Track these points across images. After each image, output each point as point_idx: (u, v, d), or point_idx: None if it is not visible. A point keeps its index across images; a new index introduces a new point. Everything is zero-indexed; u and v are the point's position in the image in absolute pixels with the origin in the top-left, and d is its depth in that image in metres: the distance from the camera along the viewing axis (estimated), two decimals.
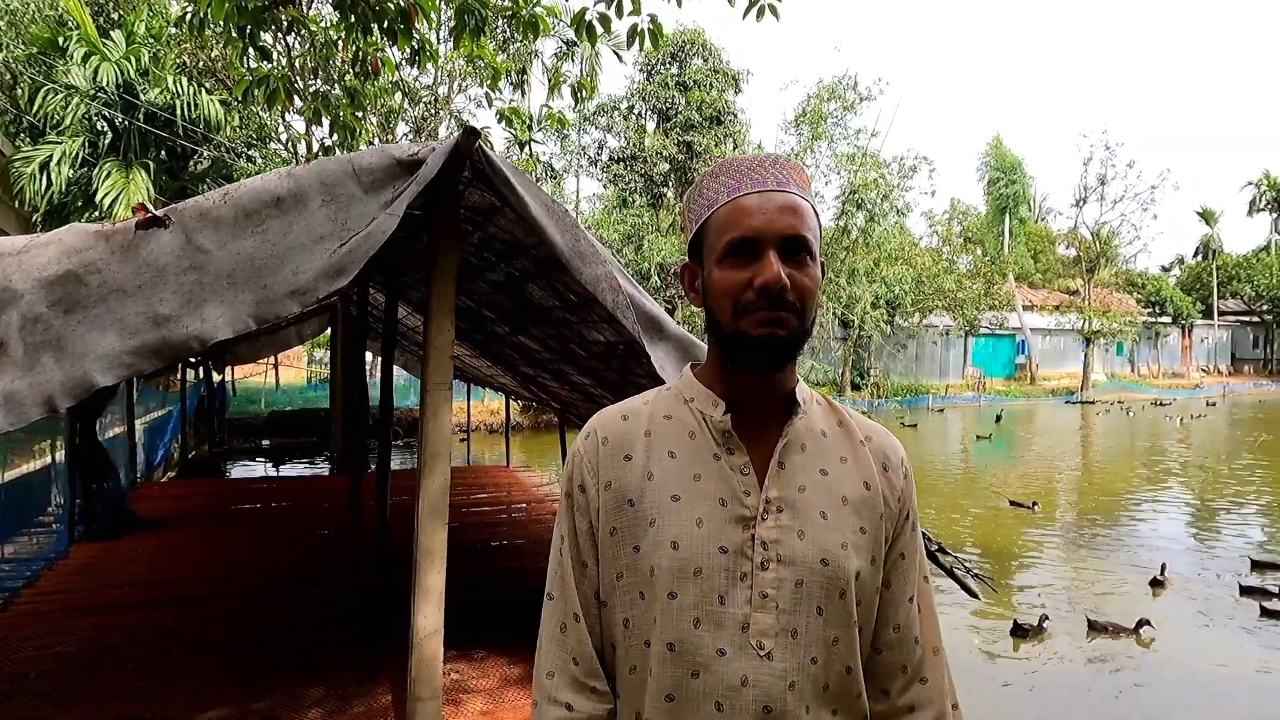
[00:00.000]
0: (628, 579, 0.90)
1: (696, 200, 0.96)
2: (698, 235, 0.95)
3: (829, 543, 0.89)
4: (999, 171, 38.16)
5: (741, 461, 0.91)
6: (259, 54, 5.07)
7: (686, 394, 0.97)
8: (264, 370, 21.60)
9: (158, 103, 12.46)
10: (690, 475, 0.91)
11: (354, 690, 3.19)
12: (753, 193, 0.90)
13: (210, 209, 1.93)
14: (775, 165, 0.92)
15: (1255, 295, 39.72)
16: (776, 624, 0.86)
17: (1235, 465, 14.75)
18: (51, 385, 1.53)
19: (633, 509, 0.91)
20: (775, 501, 0.89)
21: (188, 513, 6.63)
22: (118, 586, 4.52)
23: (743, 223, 0.88)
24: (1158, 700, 5.08)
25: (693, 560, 0.87)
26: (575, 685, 0.92)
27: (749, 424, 0.93)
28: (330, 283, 1.98)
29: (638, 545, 0.90)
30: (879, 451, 0.98)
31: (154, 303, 1.74)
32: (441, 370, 2.42)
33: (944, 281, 25.53)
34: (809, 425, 0.95)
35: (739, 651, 0.86)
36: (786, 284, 0.86)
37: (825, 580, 0.88)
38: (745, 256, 0.88)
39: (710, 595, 0.86)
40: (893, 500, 0.96)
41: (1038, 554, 8.52)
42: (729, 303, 0.88)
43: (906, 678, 0.95)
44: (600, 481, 0.93)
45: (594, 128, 24.47)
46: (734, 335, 0.89)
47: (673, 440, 0.93)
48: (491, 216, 2.88)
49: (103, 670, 3.36)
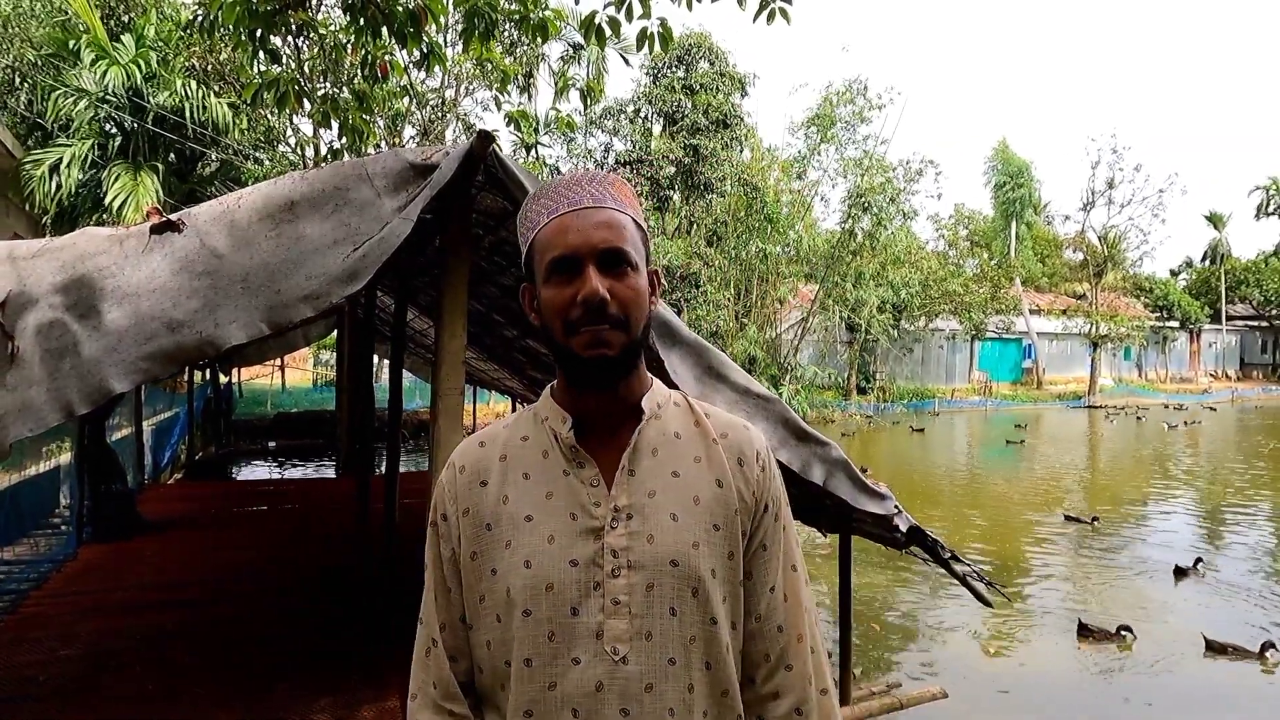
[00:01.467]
0: (488, 601, 0.93)
1: (522, 223, 0.98)
2: (527, 258, 0.97)
3: (679, 543, 0.91)
4: (1006, 175, 38.08)
5: (591, 474, 0.94)
6: (269, 57, 5.08)
7: (542, 414, 0.99)
8: (270, 372, 21.65)
9: (166, 105, 12.53)
10: (543, 494, 0.93)
11: (363, 695, 3.18)
12: (569, 211, 0.92)
13: (224, 213, 1.93)
14: (592, 182, 0.95)
15: (1264, 300, 39.48)
16: (630, 628, 0.88)
17: (1251, 471, 14.64)
18: (69, 392, 1.53)
19: (490, 533, 0.93)
20: (624, 509, 0.92)
21: (195, 515, 6.64)
22: (125, 589, 4.52)
23: (560, 242, 0.90)
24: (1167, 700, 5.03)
25: (544, 576, 0.90)
26: (434, 708, 0.95)
27: (600, 435, 0.96)
28: (344, 287, 1.97)
29: (495, 568, 0.92)
30: (734, 447, 0.99)
31: (168, 307, 1.73)
32: (453, 376, 2.41)
33: (950, 284, 25.43)
34: (662, 429, 0.97)
35: (594, 659, 0.88)
36: (606, 297, 0.88)
37: (676, 581, 0.90)
38: (567, 274, 0.90)
39: (562, 608, 0.89)
40: (748, 494, 0.97)
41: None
42: (559, 321, 0.90)
43: (770, 665, 0.97)
44: (459, 509, 0.96)
45: (600, 130, 24.52)
46: (566, 353, 0.91)
47: (527, 462, 0.96)
48: (503, 221, 2.87)
49: (110, 673, 3.35)
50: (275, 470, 13.49)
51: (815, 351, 25.97)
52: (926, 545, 3.26)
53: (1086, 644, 5.84)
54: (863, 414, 23.78)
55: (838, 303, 22.47)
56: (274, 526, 6.33)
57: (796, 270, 22.46)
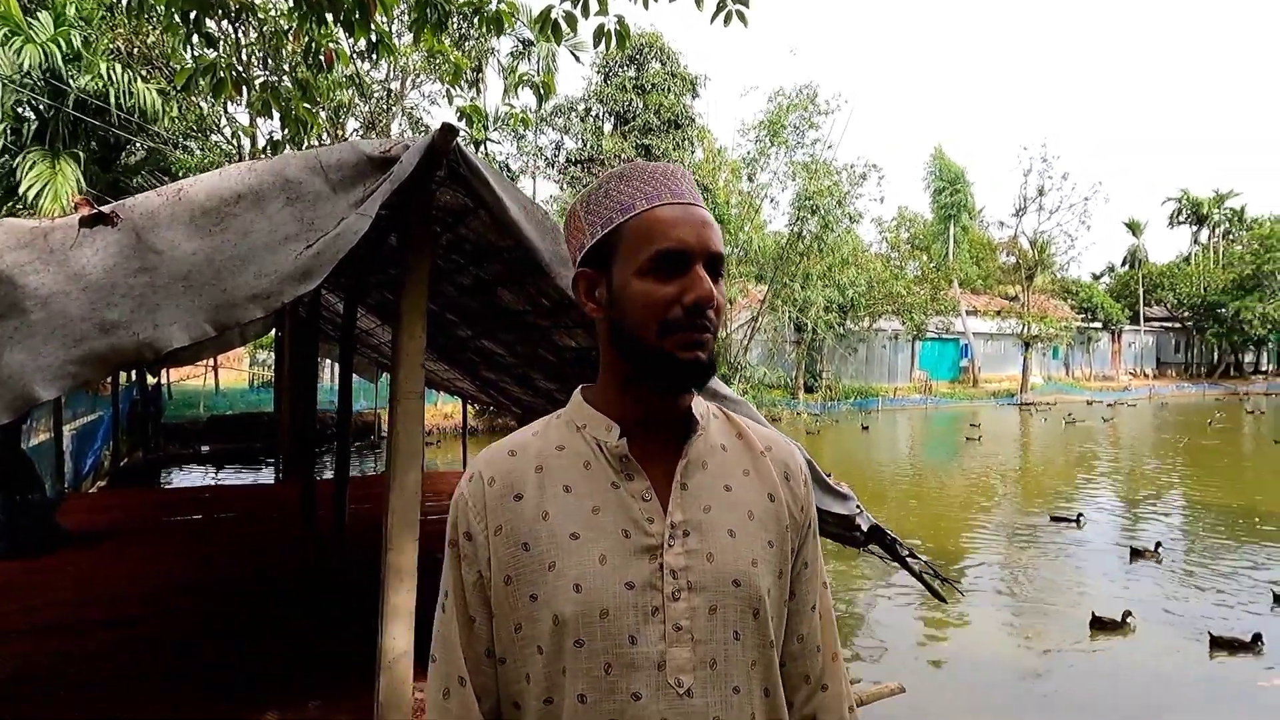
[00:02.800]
0: (526, 631, 0.83)
1: (602, 203, 0.88)
2: (604, 241, 0.87)
3: (739, 561, 0.85)
4: (943, 181, 39.43)
5: (642, 486, 0.86)
6: (203, 41, 4.81)
7: (578, 420, 0.90)
8: (203, 372, 20.65)
9: (89, 89, 11.77)
10: (589, 509, 0.85)
11: (312, 714, 3.02)
12: (674, 203, 0.85)
13: (163, 205, 1.78)
14: (686, 180, 0.89)
15: (1177, 303, 42.09)
16: (694, 657, 0.82)
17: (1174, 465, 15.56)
18: None
19: (527, 553, 0.84)
20: (681, 525, 0.84)
21: (122, 525, 6.23)
22: (48, 607, 4.20)
23: (671, 234, 0.83)
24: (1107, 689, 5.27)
25: (598, 601, 0.81)
26: None
27: (647, 445, 0.88)
28: (296, 286, 1.85)
29: (535, 593, 0.83)
30: (780, 461, 0.95)
31: (100, 308, 1.59)
32: (412, 378, 2.30)
33: (894, 286, 26.22)
34: (709, 441, 0.91)
35: (656, 693, 0.80)
36: (716, 302, 0.84)
37: (739, 602, 0.84)
38: (672, 270, 0.83)
39: (620, 637, 0.81)
40: (796, 510, 0.93)
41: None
42: (654, 319, 0.83)
43: (810, 687, 0.93)
44: (489, 527, 0.86)
45: (550, 128, 24.28)
46: (656, 355, 0.83)
47: (567, 473, 0.87)
48: (463, 218, 2.77)
49: (34, 701, 3.10)
50: (210, 476, 12.87)
51: (764, 351, 26.37)
52: (885, 544, 3.31)
53: (1220, 654, 5.79)
54: (810, 413, 24.25)
55: (786, 303, 22.86)
56: (211, 536, 6.00)
57: (746, 271, 22.75)
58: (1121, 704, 5.05)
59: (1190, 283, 41.35)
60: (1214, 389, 38.46)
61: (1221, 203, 44.70)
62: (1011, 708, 5.05)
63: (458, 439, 13.48)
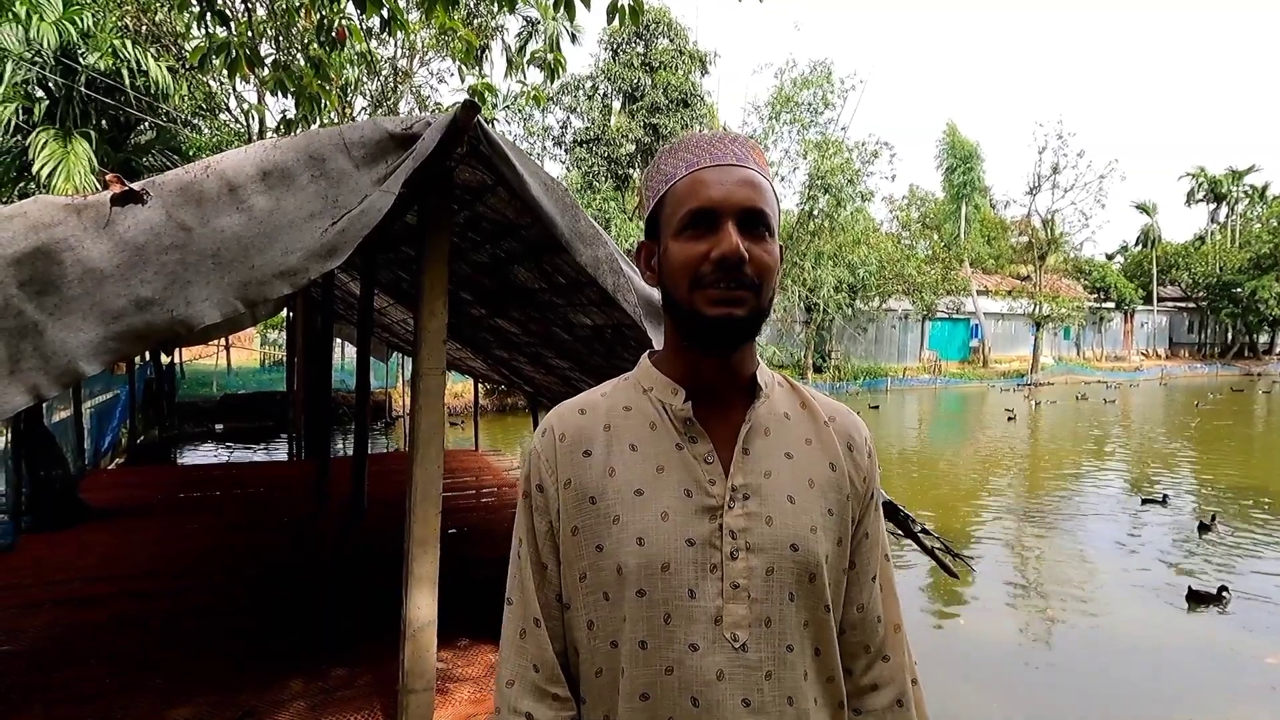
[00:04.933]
0: (591, 579, 0.88)
1: (654, 176, 0.93)
2: (655, 212, 0.92)
3: (798, 527, 0.88)
4: (955, 159, 38.91)
5: (705, 450, 0.89)
6: (216, 19, 4.79)
7: (645, 383, 0.94)
8: (215, 352, 20.82)
9: (100, 68, 11.75)
10: (653, 468, 0.88)
11: (336, 682, 3.11)
12: (712, 166, 0.87)
13: (191, 183, 1.80)
14: (735, 142, 0.90)
15: (1192, 283, 41.57)
16: (750, 614, 0.85)
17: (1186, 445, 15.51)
18: (35, 374, 1.42)
19: (594, 506, 0.88)
20: (741, 489, 0.88)
21: (142, 501, 6.35)
22: (72, 580, 4.30)
23: (701, 194, 0.85)
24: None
25: (660, 555, 0.85)
26: (536, 693, 0.90)
27: (711, 410, 0.91)
28: (322, 263, 1.88)
29: (601, 544, 0.87)
30: (843, 432, 0.97)
31: (134, 284, 1.62)
32: (434, 356, 2.34)
33: (904, 266, 26.02)
34: (772, 409, 0.94)
35: (712, 645, 0.84)
36: (745, 257, 0.83)
37: (796, 565, 0.87)
38: (703, 229, 0.85)
39: (680, 590, 0.85)
40: (858, 481, 0.95)
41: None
42: (685, 277, 0.85)
43: (870, 657, 0.95)
44: (559, 480, 0.91)
45: (558, 107, 24.07)
46: (689, 311, 0.86)
47: (633, 433, 0.91)
48: (481, 195, 2.78)
49: (61, 669, 3.19)
50: (224, 454, 13.04)
51: (774, 331, 26.31)
52: (898, 520, 3.33)
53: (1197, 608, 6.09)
54: (821, 393, 24.21)
55: (796, 283, 22.75)
56: (227, 513, 6.11)
57: None
58: (1124, 679, 5.11)
59: (1205, 262, 40.82)
60: (1227, 369, 38.12)
61: (1240, 179, 43.83)
62: (1015, 683, 5.11)
63: (469, 417, 13.57)
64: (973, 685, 5.07)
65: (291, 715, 2.84)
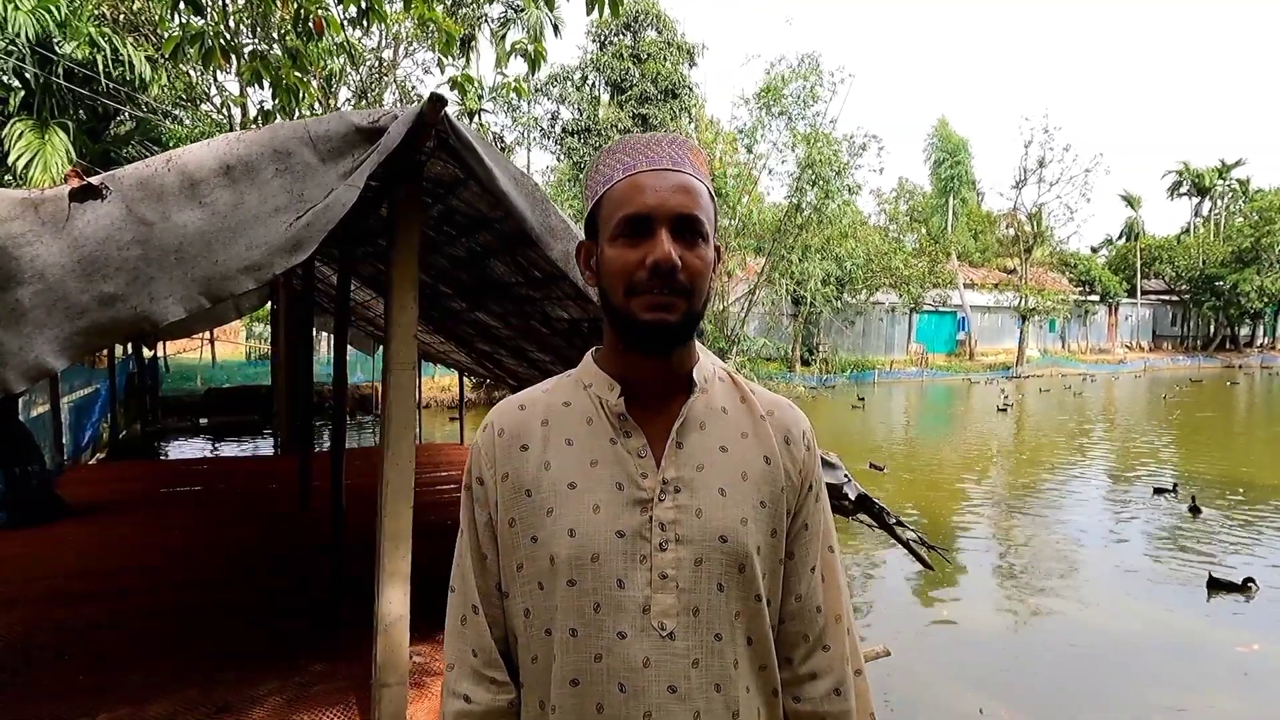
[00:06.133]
0: (527, 569, 0.91)
1: (593, 177, 0.94)
2: (593, 213, 0.93)
3: (728, 519, 0.90)
4: (944, 152, 39.10)
5: (639, 444, 0.91)
6: (190, 8, 4.73)
7: (585, 380, 0.97)
8: (199, 345, 20.64)
9: (76, 57, 11.55)
10: (587, 461, 0.91)
11: (312, 678, 3.10)
12: (647, 170, 0.88)
13: (152, 177, 1.79)
14: (671, 144, 0.91)
15: (1175, 276, 42.04)
16: (677, 604, 0.87)
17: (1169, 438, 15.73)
18: (2, 369, 1.41)
19: (530, 499, 0.91)
20: (673, 482, 0.90)
21: (122, 497, 6.30)
22: (49, 577, 4.27)
23: (636, 200, 0.87)
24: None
25: (590, 546, 0.88)
26: (474, 677, 0.93)
27: (648, 405, 0.93)
28: (287, 258, 1.87)
29: (536, 535, 0.90)
30: (781, 425, 0.98)
31: (96, 280, 1.61)
32: (405, 350, 2.33)
33: (892, 259, 26.13)
34: (709, 403, 0.95)
35: (640, 634, 0.86)
36: (678, 264, 0.85)
37: (724, 556, 0.89)
38: (638, 235, 0.87)
39: (609, 580, 0.87)
40: (794, 473, 0.96)
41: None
42: (620, 282, 0.87)
43: (808, 646, 0.97)
44: (498, 473, 0.93)
45: (546, 98, 23.95)
46: (624, 316, 0.88)
47: (570, 428, 0.93)
48: (454, 189, 2.77)
49: (36, 668, 3.18)
50: (208, 449, 12.95)
51: (761, 324, 26.36)
52: (873, 512, 3.37)
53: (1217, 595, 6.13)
54: (805, 385, 24.34)
55: (784, 275, 22.79)
56: (210, 508, 6.07)
57: (745, 244, 22.64)
58: (1099, 669, 5.19)
59: (1188, 256, 41.28)
60: (1209, 362, 38.63)
61: (1226, 173, 44.31)
62: (995, 672, 5.19)
63: (455, 411, 13.54)
64: (960, 676, 5.14)
65: (267, 711, 2.84)
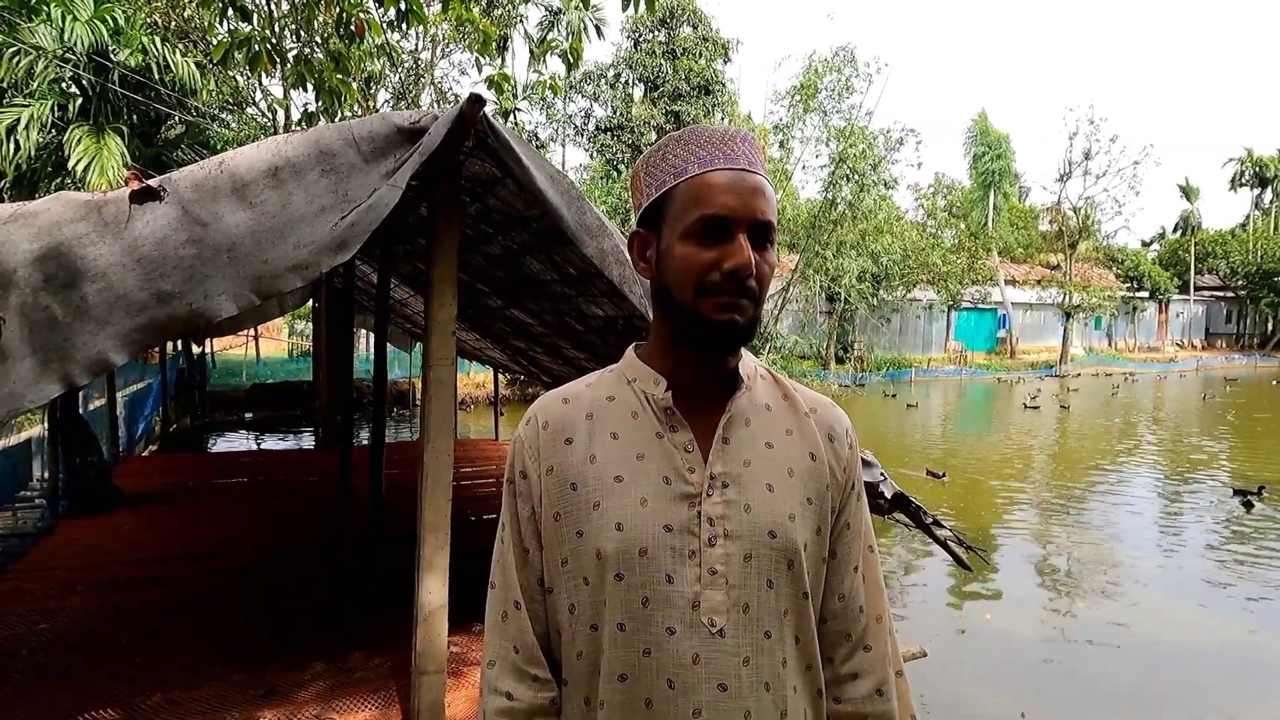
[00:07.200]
0: (572, 564, 0.90)
1: (659, 165, 0.91)
2: (657, 203, 0.90)
3: (776, 515, 0.89)
4: (984, 146, 38.15)
5: (685, 439, 0.90)
6: (238, 14, 4.88)
7: (629, 374, 0.96)
8: (244, 342, 21.27)
9: (130, 64, 12.00)
10: (633, 455, 0.90)
11: (354, 664, 3.20)
12: (726, 169, 0.87)
13: (205, 180, 1.86)
14: (745, 143, 0.89)
15: (1230, 271, 40.35)
16: (727, 600, 0.86)
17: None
18: (67, 363, 1.49)
19: (575, 493, 0.90)
20: (720, 477, 0.89)
21: (174, 487, 6.55)
22: (106, 563, 4.47)
23: (717, 200, 0.85)
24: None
25: (638, 540, 0.86)
26: (516, 674, 0.92)
27: (693, 401, 0.92)
28: (333, 257, 1.93)
29: (581, 529, 0.89)
30: (824, 423, 0.97)
31: (155, 278, 1.68)
32: (444, 347, 2.38)
33: (929, 255, 25.62)
34: (753, 400, 0.95)
35: (690, 630, 0.85)
36: (754, 271, 0.85)
37: (774, 552, 0.88)
38: (714, 236, 0.85)
39: (657, 574, 0.86)
40: (839, 471, 0.96)
41: None
42: (691, 282, 0.86)
43: (850, 645, 0.96)
44: (541, 467, 0.92)
45: (580, 96, 24.06)
46: (691, 315, 0.87)
47: (615, 421, 0.92)
48: (491, 188, 2.81)
49: (95, 648, 3.33)
50: (252, 442, 13.35)
51: (795, 321, 26.12)
52: (909, 511, 3.33)
53: None
54: (840, 383, 24.05)
55: (818, 272, 22.53)
56: (255, 500, 6.27)
57: (779, 240, 22.42)
58: (1153, 676, 5.04)
59: (1245, 250, 39.57)
60: (1267, 360, 37.01)
61: None
62: (1035, 677, 5.07)
63: (490, 407, 13.74)
64: (999, 680, 5.04)
65: (311, 695, 2.93)
